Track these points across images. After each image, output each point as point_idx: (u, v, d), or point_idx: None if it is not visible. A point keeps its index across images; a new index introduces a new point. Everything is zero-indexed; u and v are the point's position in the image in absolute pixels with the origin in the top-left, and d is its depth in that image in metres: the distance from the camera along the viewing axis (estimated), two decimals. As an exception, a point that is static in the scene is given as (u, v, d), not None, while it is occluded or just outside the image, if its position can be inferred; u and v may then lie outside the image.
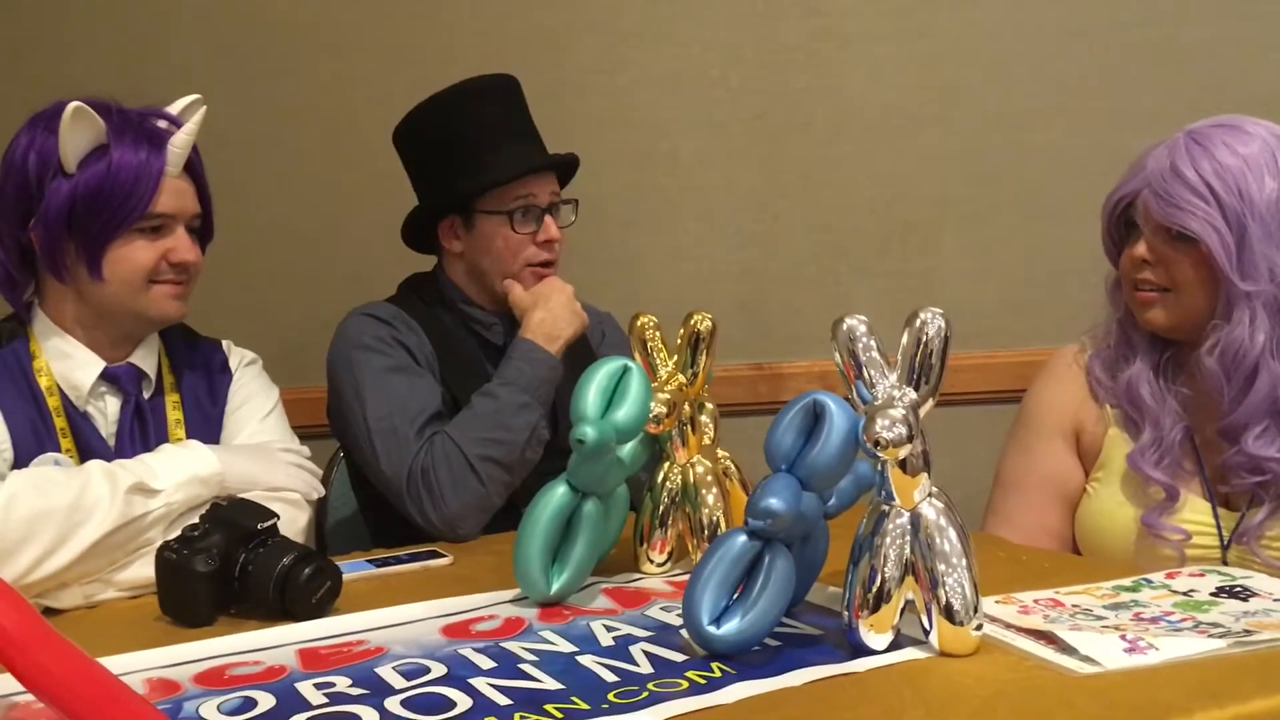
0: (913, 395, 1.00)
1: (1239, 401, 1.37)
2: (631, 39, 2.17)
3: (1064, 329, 1.69)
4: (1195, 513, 1.42)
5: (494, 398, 1.56)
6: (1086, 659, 0.95)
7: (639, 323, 1.30)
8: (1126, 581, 1.18)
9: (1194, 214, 1.35)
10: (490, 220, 1.69)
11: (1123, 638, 0.99)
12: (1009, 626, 1.04)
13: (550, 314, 1.64)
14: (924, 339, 1.00)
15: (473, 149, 1.68)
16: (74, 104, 1.34)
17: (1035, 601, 1.11)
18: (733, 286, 2.20)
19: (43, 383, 1.39)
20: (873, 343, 1.02)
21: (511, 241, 1.68)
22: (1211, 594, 1.13)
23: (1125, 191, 1.45)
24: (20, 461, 1.34)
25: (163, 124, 1.42)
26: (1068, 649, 0.97)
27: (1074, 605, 1.10)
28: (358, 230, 2.14)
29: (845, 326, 1.03)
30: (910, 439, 0.96)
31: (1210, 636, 1.00)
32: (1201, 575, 1.20)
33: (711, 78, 2.17)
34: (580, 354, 1.71)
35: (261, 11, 2.15)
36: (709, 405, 1.31)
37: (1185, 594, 1.13)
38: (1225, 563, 1.39)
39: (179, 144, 1.40)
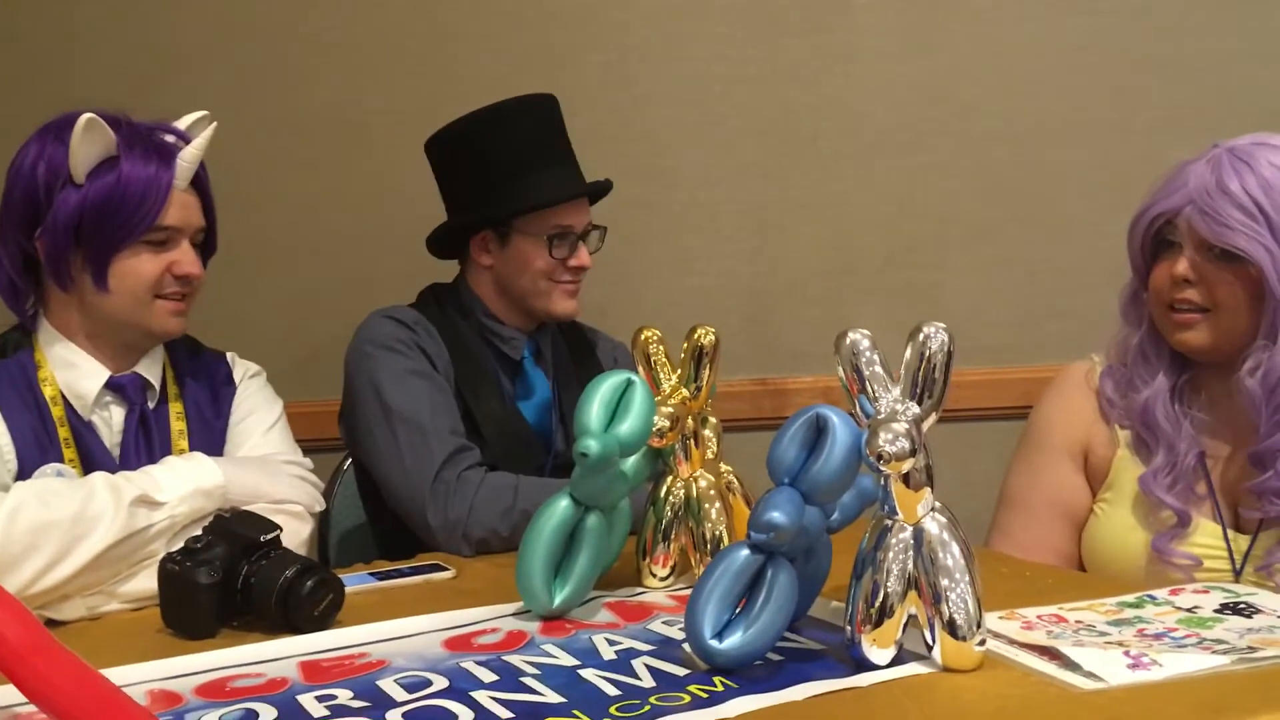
0: (916, 409, 1.00)
1: (1278, 426, 1.34)
2: (637, 55, 2.17)
3: (1070, 345, 1.68)
4: (1207, 536, 1.40)
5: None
6: (1090, 675, 0.95)
7: (642, 336, 1.30)
8: (1130, 598, 1.17)
9: (1243, 232, 1.32)
10: (527, 241, 1.71)
11: (1126, 654, 0.99)
12: (1012, 642, 1.04)
13: None
14: (927, 353, 1.00)
15: (513, 168, 1.70)
16: (87, 115, 1.35)
17: (1039, 617, 1.11)
18: (737, 301, 2.20)
19: (47, 392, 1.39)
20: (876, 357, 1.02)
21: (546, 265, 1.71)
22: (1216, 610, 1.13)
23: (1164, 208, 1.40)
24: (24, 471, 1.34)
25: (171, 138, 1.43)
26: (1071, 665, 0.97)
27: (1077, 621, 1.10)
28: (365, 243, 2.15)
29: (849, 340, 1.03)
30: (913, 453, 0.96)
31: (1214, 653, 1.00)
32: (1206, 592, 1.19)
33: (716, 93, 2.18)
34: (589, 378, 1.71)
35: (269, 24, 2.16)
36: (712, 419, 1.31)
37: (1189, 610, 1.13)
38: None
39: (188, 158, 1.41)
